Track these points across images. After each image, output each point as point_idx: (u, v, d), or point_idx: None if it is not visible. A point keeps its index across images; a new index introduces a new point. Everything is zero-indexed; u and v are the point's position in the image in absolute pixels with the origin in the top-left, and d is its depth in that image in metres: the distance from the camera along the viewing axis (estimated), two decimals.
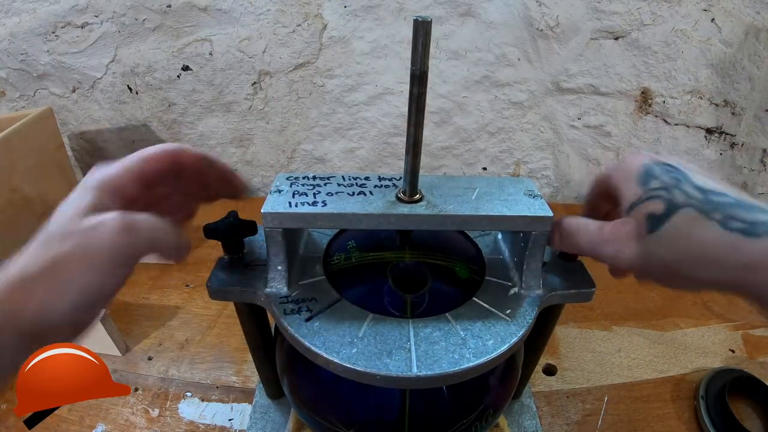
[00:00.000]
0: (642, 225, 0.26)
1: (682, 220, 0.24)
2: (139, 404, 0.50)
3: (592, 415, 0.50)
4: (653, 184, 0.27)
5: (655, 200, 0.26)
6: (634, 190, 0.28)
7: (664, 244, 0.25)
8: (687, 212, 0.24)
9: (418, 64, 0.26)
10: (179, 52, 0.77)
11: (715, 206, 0.24)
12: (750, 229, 0.22)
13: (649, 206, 0.26)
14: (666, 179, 0.27)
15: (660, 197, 0.26)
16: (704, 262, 0.23)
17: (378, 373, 0.28)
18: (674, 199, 0.25)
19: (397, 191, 0.32)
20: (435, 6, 0.73)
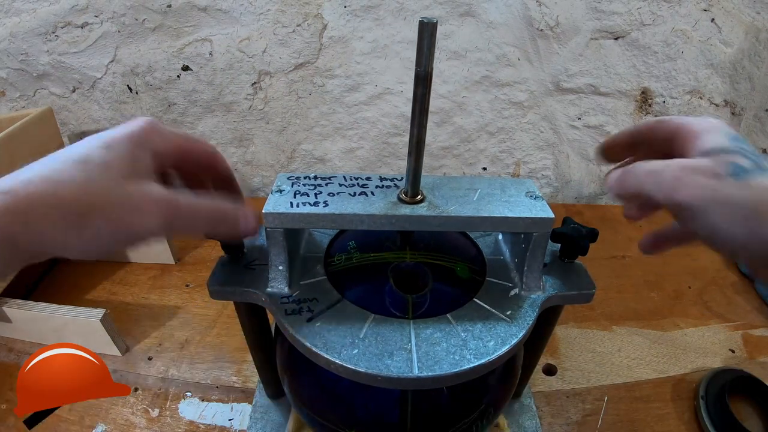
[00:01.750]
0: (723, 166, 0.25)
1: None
2: (139, 404, 0.50)
3: (592, 415, 0.50)
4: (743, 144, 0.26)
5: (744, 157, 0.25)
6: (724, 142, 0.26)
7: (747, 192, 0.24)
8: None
9: (423, 65, 0.26)
10: (179, 52, 0.77)
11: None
12: None
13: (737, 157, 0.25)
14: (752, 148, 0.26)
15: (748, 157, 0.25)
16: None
17: (379, 374, 0.28)
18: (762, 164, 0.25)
19: (398, 192, 0.32)
20: (435, 6, 0.73)
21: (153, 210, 0.24)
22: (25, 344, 0.57)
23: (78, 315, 0.52)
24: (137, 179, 0.24)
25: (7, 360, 0.55)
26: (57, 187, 0.22)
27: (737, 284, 0.70)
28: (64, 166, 0.23)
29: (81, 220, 0.23)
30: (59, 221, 0.22)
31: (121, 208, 0.23)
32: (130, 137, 0.26)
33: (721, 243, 0.25)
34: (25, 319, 0.54)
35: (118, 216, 0.23)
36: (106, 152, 0.24)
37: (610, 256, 0.74)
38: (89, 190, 0.23)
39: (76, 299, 0.64)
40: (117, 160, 0.24)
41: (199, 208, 0.26)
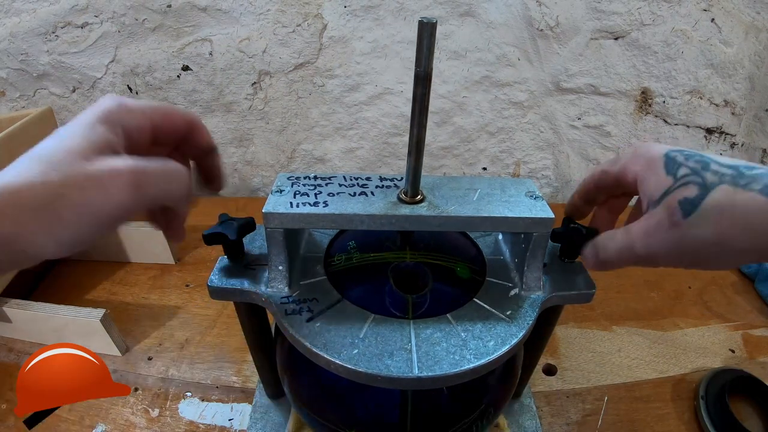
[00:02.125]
0: (675, 212, 0.26)
1: (720, 198, 0.24)
2: (139, 404, 0.50)
3: (592, 415, 0.50)
4: (681, 171, 0.26)
5: (687, 186, 0.26)
6: (662, 179, 0.27)
7: (705, 225, 0.24)
8: (723, 189, 0.24)
9: (423, 65, 0.26)
10: (179, 52, 0.77)
11: (750, 178, 0.24)
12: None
13: (682, 192, 0.26)
14: (692, 164, 0.26)
15: (691, 182, 0.26)
16: (751, 234, 0.23)
17: (379, 374, 0.28)
18: (706, 180, 0.25)
19: (398, 192, 0.32)
20: (435, 6, 0.73)
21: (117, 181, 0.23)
22: (25, 344, 0.57)
23: (78, 315, 0.52)
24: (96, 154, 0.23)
25: (7, 360, 0.55)
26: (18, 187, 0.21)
27: (737, 284, 0.70)
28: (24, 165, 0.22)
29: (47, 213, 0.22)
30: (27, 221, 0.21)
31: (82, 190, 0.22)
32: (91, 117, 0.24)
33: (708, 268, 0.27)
34: (25, 319, 0.54)
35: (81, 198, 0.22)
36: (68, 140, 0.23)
37: None
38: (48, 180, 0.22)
39: (76, 299, 0.64)
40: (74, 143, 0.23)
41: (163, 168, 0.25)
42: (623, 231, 0.29)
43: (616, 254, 0.29)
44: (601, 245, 0.30)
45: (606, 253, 0.30)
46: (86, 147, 0.23)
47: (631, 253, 0.28)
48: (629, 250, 0.28)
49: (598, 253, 0.30)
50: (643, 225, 0.28)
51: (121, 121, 0.25)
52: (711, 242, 0.25)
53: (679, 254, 0.26)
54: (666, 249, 0.26)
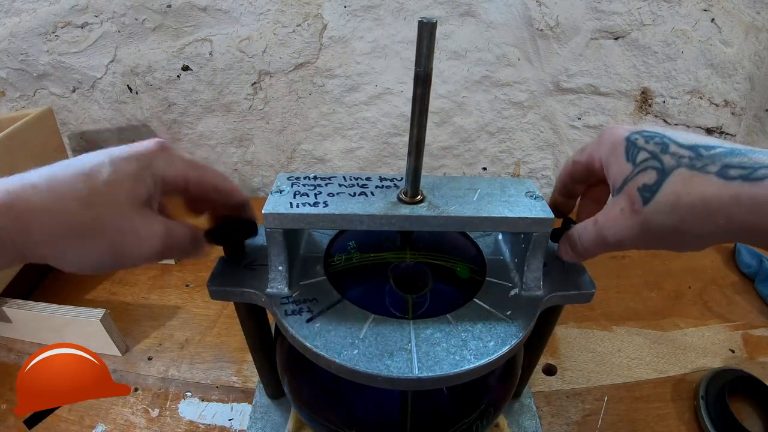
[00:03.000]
0: (635, 199, 0.26)
1: (677, 182, 0.24)
2: (139, 404, 0.50)
3: (592, 415, 0.50)
4: (640, 156, 0.27)
5: (646, 171, 0.26)
6: (623, 166, 0.27)
7: (664, 211, 0.25)
8: (680, 173, 0.24)
9: (423, 65, 0.26)
10: (179, 52, 0.77)
11: (708, 159, 0.24)
12: (749, 174, 0.22)
13: (641, 179, 0.26)
14: (651, 147, 0.27)
15: (650, 167, 0.26)
16: (709, 217, 0.23)
17: (379, 375, 0.28)
18: (665, 165, 0.25)
19: (398, 192, 0.32)
20: (435, 6, 0.73)
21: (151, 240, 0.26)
22: (25, 344, 0.57)
23: (78, 315, 0.52)
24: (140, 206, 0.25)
25: (7, 360, 0.55)
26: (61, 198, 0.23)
27: (737, 284, 0.70)
28: (70, 177, 0.24)
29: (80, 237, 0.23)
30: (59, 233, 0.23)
31: (121, 234, 0.25)
32: (137, 158, 0.26)
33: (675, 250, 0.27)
34: (25, 319, 0.54)
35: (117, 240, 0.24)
36: (112, 170, 0.25)
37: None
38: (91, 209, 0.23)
39: (76, 299, 0.64)
40: (122, 181, 0.25)
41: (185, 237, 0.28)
42: (592, 221, 0.29)
43: (590, 244, 0.30)
44: (576, 236, 0.31)
45: (582, 243, 0.30)
46: (130, 190, 0.25)
47: (602, 242, 0.29)
48: (600, 239, 0.29)
49: (576, 246, 0.31)
50: (608, 214, 0.28)
51: (158, 168, 0.27)
52: (671, 228, 0.25)
53: (644, 240, 0.26)
54: (631, 236, 0.27)
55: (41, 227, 0.22)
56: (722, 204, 0.23)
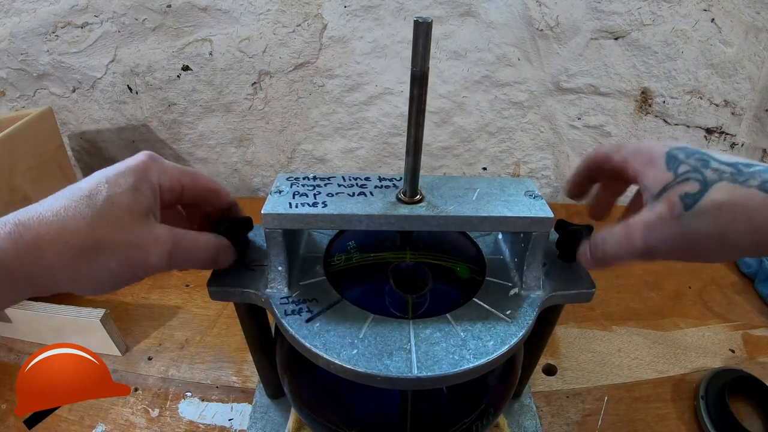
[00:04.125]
0: (676, 205, 0.26)
1: (720, 193, 0.25)
2: (139, 404, 0.50)
3: (592, 415, 0.50)
4: (682, 168, 0.27)
5: (688, 181, 0.26)
6: (663, 174, 0.28)
7: (705, 219, 0.25)
8: (723, 185, 0.25)
9: (419, 65, 0.26)
10: (179, 52, 0.77)
11: (749, 175, 0.25)
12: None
13: (683, 187, 0.26)
14: (693, 162, 0.27)
15: (692, 178, 0.26)
16: (751, 228, 0.24)
17: (378, 375, 0.28)
18: (706, 177, 0.26)
19: (397, 192, 0.32)
20: (435, 6, 0.73)
21: (158, 250, 0.26)
22: (25, 344, 0.57)
23: (78, 315, 0.52)
24: (142, 218, 0.26)
25: (7, 360, 0.55)
26: (67, 223, 0.23)
27: (737, 284, 0.70)
28: (72, 202, 0.24)
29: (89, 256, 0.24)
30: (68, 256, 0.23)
31: (127, 247, 0.25)
32: (133, 171, 0.27)
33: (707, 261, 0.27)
34: (25, 319, 0.54)
35: (125, 254, 0.25)
36: (110, 188, 0.26)
37: None
38: (96, 227, 0.24)
39: (76, 299, 0.63)
40: (121, 196, 0.26)
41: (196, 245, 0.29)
42: (622, 225, 0.29)
43: (615, 248, 0.29)
44: (600, 241, 0.30)
45: (605, 248, 0.30)
46: (134, 208, 0.26)
47: (631, 247, 0.28)
48: (629, 243, 0.28)
49: (598, 250, 0.30)
50: (643, 218, 0.28)
51: (154, 177, 0.28)
52: (711, 236, 0.25)
53: (678, 247, 0.27)
54: (666, 242, 0.27)
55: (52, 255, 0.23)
56: (764, 215, 0.23)
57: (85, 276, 0.24)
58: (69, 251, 0.23)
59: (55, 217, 0.23)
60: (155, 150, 0.30)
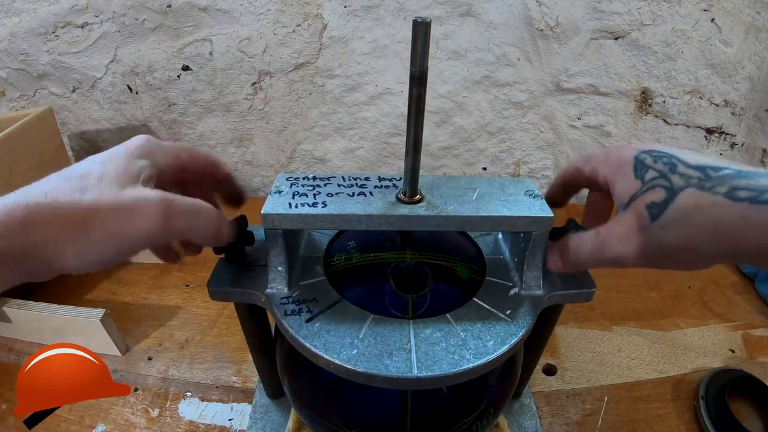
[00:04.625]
0: (643, 215, 0.26)
1: (686, 202, 0.24)
2: (139, 404, 0.50)
3: (592, 415, 0.50)
4: (649, 174, 0.27)
5: (654, 189, 0.26)
6: (631, 183, 0.28)
7: (672, 229, 0.25)
8: (689, 192, 0.24)
9: (418, 64, 0.26)
10: (179, 52, 0.77)
11: (717, 181, 0.24)
12: (757, 197, 0.22)
13: (649, 196, 0.26)
14: (660, 167, 0.27)
15: (658, 185, 0.26)
16: (717, 237, 0.23)
17: (378, 374, 0.28)
18: (673, 184, 0.25)
19: (397, 192, 0.32)
20: (435, 6, 0.73)
21: (147, 210, 0.25)
22: (25, 344, 0.57)
23: (78, 315, 0.52)
24: (131, 183, 0.25)
25: (7, 360, 0.55)
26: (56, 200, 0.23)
27: (737, 284, 0.70)
28: (63, 182, 0.24)
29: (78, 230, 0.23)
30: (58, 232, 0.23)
31: (113, 213, 0.24)
32: (126, 150, 0.27)
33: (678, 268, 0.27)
34: (25, 319, 0.54)
35: (112, 221, 0.24)
36: (101, 166, 0.25)
37: None
38: (84, 200, 0.24)
39: (76, 299, 0.64)
40: (112, 172, 0.25)
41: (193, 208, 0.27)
42: (593, 234, 0.29)
43: (587, 257, 0.29)
44: (573, 247, 0.30)
45: (578, 256, 0.30)
46: (121, 175, 0.25)
47: (601, 256, 0.28)
48: (600, 253, 0.28)
49: (570, 256, 0.30)
50: (612, 229, 0.28)
51: (153, 156, 0.27)
52: (678, 246, 0.25)
53: (647, 257, 0.27)
54: (636, 253, 0.27)
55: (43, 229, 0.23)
56: (730, 224, 0.23)
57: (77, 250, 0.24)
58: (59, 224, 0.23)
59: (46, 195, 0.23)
60: None
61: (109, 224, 0.24)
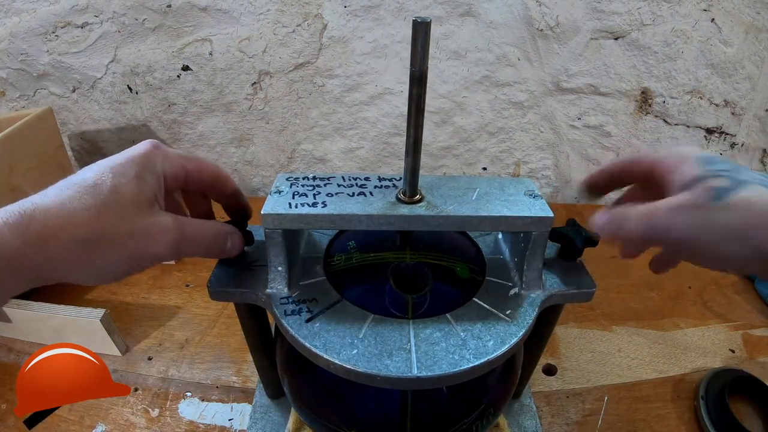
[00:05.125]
0: (706, 194, 0.27)
1: (753, 192, 0.26)
2: (139, 404, 0.50)
3: (592, 415, 0.50)
4: (715, 166, 0.28)
5: (720, 178, 0.27)
6: (695, 170, 0.28)
7: (732, 212, 0.26)
8: (756, 187, 0.26)
9: (418, 64, 0.26)
10: (179, 52, 0.77)
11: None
12: None
13: (715, 182, 0.27)
14: (725, 165, 0.28)
15: (724, 176, 0.27)
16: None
17: (378, 374, 0.28)
18: (740, 177, 0.26)
19: (397, 192, 0.32)
20: (435, 6, 0.73)
21: (162, 238, 0.26)
22: (25, 344, 0.57)
23: (78, 315, 0.52)
24: (147, 207, 0.26)
25: (7, 360, 0.55)
26: (72, 214, 0.23)
27: (737, 284, 0.70)
28: (77, 193, 0.24)
29: (94, 248, 0.24)
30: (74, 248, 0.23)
31: (132, 238, 0.25)
32: (137, 160, 0.27)
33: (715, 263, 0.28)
34: (25, 319, 0.54)
35: (130, 244, 0.25)
36: (115, 178, 0.25)
37: (610, 256, 0.74)
38: (101, 218, 0.24)
39: (76, 299, 0.64)
40: (126, 186, 0.25)
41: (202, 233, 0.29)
42: (646, 204, 0.29)
43: (635, 222, 0.29)
44: (622, 213, 0.30)
45: (625, 219, 0.29)
46: (138, 198, 0.26)
47: (651, 223, 0.28)
48: (650, 219, 0.28)
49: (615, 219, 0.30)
50: (669, 201, 0.28)
51: (162, 168, 0.28)
52: (733, 230, 0.26)
53: (697, 235, 0.27)
54: (687, 226, 0.27)
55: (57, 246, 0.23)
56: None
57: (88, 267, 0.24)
58: (74, 243, 0.23)
59: (61, 208, 0.23)
60: None
61: (126, 246, 0.25)
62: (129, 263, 0.26)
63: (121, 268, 0.26)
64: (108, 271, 0.25)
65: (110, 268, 0.25)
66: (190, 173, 0.30)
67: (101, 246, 0.24)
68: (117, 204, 0.25)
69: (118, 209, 0.25)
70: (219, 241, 0.30)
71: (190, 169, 0.30)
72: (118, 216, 0.24)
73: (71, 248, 0.23)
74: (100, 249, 0.24)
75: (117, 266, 0.25)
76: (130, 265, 0.26)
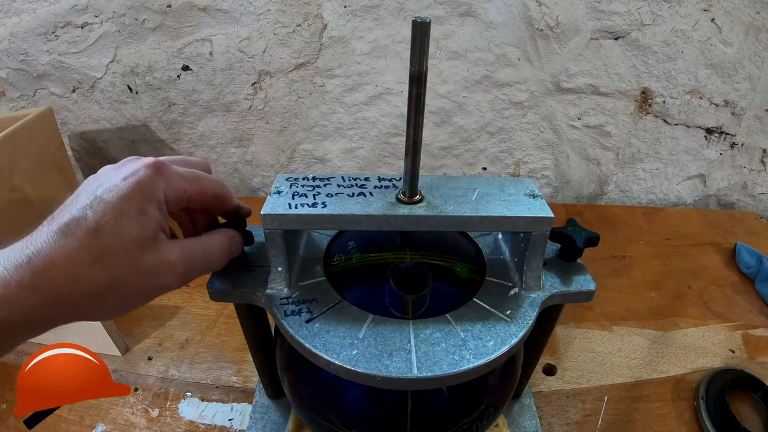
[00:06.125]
0: None
1: None
2: (139, 404, 0.50)
3: (592, 415, 0.50)
4: None
5: None
6: None
7: None
8: None
9: (417, 65, 0.26)
10: (179, 52, 0.77)
11: None
12: None
13: None
14: None
15: None
16: None
17: (378, 375, 0.28)
18: None
19: (397, 192, 0.32)
20: (435, 6, 0.73)
21: (170, 273, 0.27)
22: (25, 344, 0.57)
23: None
24: (152, 243, 0.26)
25: (7, 360, 0.55)
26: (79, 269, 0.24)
27: (737, 284, 0.70)
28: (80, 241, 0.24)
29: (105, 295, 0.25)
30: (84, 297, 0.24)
31: (140, 278, 0.25)
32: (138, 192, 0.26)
33: None
34: None
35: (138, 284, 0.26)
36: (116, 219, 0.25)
37: (610, 256, 0.74)
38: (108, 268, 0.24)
39: None
40: (129, 228, 0.25)
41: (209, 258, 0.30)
42: None
43: None
44: None
45: None
46: (142, 237, 0.25)
47: None
48: None
49: None
50: None
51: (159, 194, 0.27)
52: None
53: None
54: None
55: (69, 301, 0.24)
56: None
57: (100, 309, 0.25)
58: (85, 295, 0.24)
59: (67, 262, 0.23)
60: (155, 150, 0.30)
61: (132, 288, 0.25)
62: (138, 299, 0.26)
63: (131, 304, 0.26)
64: (117, 309, 0.26)
65: (120, 307, 0.26)
66: (192, 196, 0.29)
67: (112, 292, 0.25)
68: (123, 249, 0.25)
69: (124, 254, 0.25)
70: (224, 251, 0.31)
71: (192, 192, 0.29)
72: (124, 262, 0.25)
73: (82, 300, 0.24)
74: (111, 295, 0.25)
75: (126, 304, 0.26)
76: (139, 300, 0.26)
